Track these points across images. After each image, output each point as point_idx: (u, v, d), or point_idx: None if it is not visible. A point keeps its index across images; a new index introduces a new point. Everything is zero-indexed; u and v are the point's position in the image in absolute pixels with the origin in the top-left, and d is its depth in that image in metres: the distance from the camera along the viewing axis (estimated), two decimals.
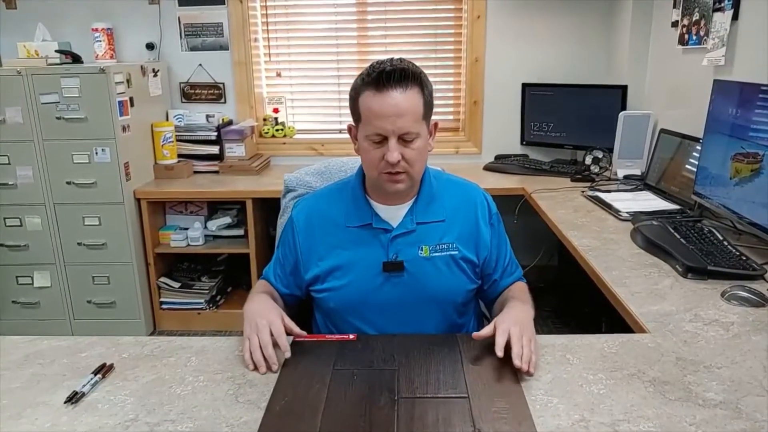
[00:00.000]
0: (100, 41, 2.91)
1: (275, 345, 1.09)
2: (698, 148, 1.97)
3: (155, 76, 2.93)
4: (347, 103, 1.24)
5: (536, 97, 2.98)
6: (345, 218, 1.27)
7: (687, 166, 2.13)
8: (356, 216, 1.26)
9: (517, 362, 1.01)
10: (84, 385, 1.02)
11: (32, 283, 2.74)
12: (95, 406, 0.98)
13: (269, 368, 1.07)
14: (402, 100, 1.14)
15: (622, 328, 1.28)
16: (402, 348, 1.12)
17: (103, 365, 1.09)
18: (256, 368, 1.07)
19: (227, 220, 2.89)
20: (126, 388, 1.03)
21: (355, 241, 1.26)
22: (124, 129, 2.61)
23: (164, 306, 2.88)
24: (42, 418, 0.94)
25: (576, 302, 2.75)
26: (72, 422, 0.93)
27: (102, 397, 1.00)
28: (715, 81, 1.86)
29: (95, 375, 1.05)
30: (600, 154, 2.68)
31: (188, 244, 2.82)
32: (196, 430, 0.91)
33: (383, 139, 1.16)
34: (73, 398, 0.98)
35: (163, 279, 2.87)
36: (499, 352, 1.03)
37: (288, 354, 1.08)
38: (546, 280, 2.98)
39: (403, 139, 1.15)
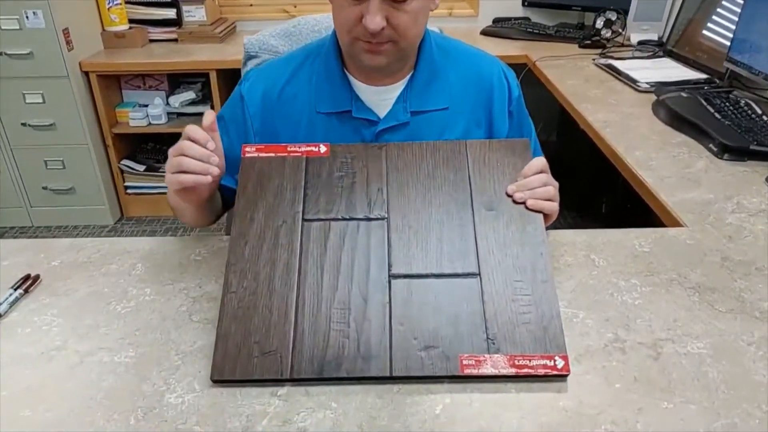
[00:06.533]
0: None
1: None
2: (725, 4, 1.67)
3: None
4: None
5: None
6: (315, 100, 0.96)
7: (715, 27, 1.84)
8: (330, 99, 0.95)
9: (518, 195, 0.86)
10: (1, 303, 0.82)
11: None
12: (14, 331, 0.79)
13: (210, 172, 0.80)
14: None
15: (637, 216, 1.09)
16: (393, 176, 0.84)
17: (27, 277, 0.88)
18: (193, 177, 0.80)
19: (191, 95, 2.57)
20: (54, 306, 0.83)
21: (328, 133, 0.95)
22: None
23: (129, 191, 2.66)
24: None
25: (576, 182, 2.57)
26: None
27: (22, 318, 0.81)
28: None
29: (15, 290, 0.85)
30: (613, 16, 2.34)
31: (149, 123, 2.53)
32: (138, 361, 0.73)
33: None
34: None
35: (125, 162, 2.61)
36: (511, 187, 0.87)
37: (212, 146, 0.81)
38: (544, 157, 2.78)
39: None
